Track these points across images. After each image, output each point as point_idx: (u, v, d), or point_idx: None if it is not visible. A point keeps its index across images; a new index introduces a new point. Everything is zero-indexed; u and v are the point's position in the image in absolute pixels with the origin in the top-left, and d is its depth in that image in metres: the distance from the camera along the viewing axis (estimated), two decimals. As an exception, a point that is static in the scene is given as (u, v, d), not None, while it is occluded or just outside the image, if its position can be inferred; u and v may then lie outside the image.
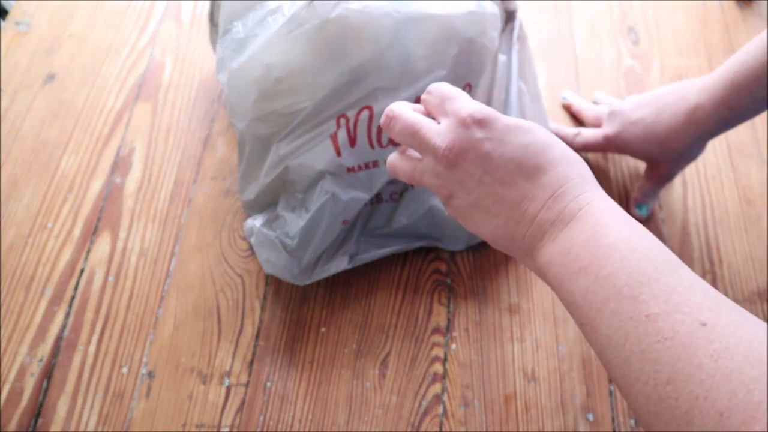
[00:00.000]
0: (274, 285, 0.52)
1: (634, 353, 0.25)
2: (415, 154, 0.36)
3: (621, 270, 0.27)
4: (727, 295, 0.51)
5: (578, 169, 0.31)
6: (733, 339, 0.23)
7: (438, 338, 0.49)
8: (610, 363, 0.27)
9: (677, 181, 0.57)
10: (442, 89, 0.34)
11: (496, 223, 0.32)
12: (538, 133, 0.32)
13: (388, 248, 0.50)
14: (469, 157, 0.31)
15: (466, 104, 0.32)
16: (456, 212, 0.34)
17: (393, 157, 0.36)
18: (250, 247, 0.53)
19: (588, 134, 0.55)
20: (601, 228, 0.29)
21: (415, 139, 0.33)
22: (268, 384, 0.47)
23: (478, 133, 0.31)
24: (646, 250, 0.27)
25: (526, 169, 0.31)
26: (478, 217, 0.33)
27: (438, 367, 0.48)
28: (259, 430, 0.46)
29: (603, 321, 0.27)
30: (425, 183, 0.34)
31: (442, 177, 0.33)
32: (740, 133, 0.59)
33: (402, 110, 0.34)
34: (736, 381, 0.22)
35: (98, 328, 0.50)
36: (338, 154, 0.44)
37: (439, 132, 0.32)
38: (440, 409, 0.46)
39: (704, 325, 0.24)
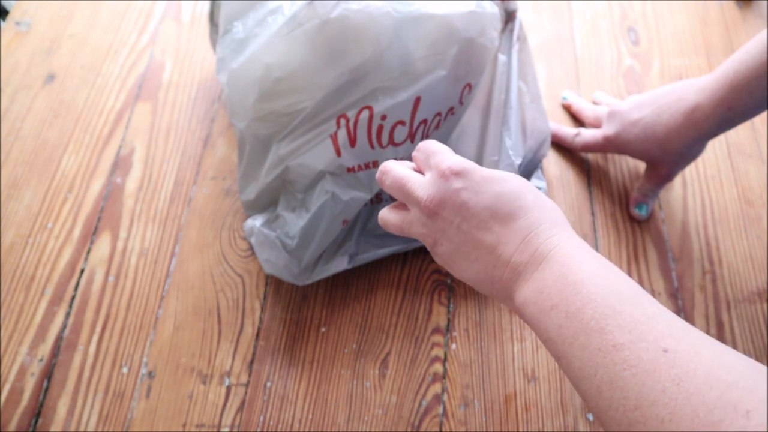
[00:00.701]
0: (274, 285, 0.52)
1: (605, 382, 0.26)
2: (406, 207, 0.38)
3: (588, 305, 0.28)
4: (727, 295, 0.51)
5: (549, 214, 0.33)
6: (692, 363, 0.24)
7: (438, 338, 0.49)
8: (585, 394, 0.28)
9: (677, 181, 0.57)
10: (428, 146, 0.36)
11: (476, 268, 0.34)
12: (513, 182, 0.34)
13: (388, 248, 0.50)
14: (448, 206, 0.33)
15: (447, 158, 0.35)
16: (441, 259, 0.36)
17: (383, 212, 0.39)
18: (250, 247, 0.53)
19: (588, 134, 0.55)
20: (569, 267, 0.30)
21: (403, 191, 0.36)
22: (268, 384, 0.47)
23: (456, 183, 0.33)
24: (611, 283, 0.29)
25: (501, 216, 0.33)
26: (461, 263, 0.35)
27: (438, 367, 0.48)
28: (259, 430, 0.46)
29: (575, 354, 0.28)
30: (413, 232, 0.37)
31: (427, 226, 0.35)
32: (740, 133, 0.59)
33: (393, 166, 0.37)
34: (696, 402, 0.23)
35: (98, 328, 0.50)
36: (338, 154, 0.44)
37: (422, 184, 0.35)
38: (440, 409, 0.46)
39: (666, 351, 0.25)
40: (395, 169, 0.37)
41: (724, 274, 0.52)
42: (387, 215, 0.39)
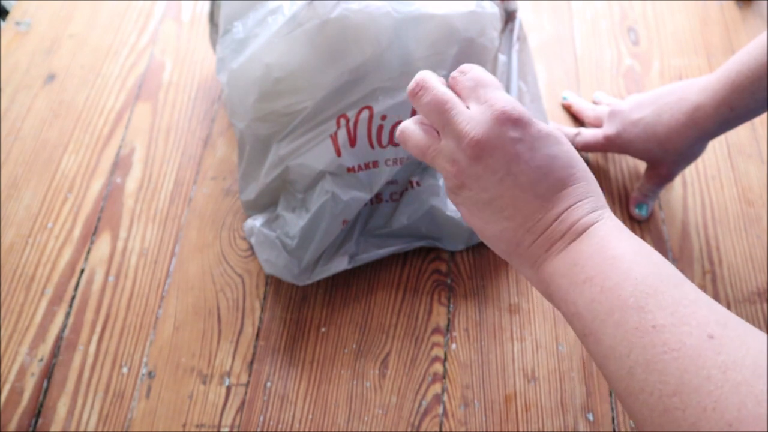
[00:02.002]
0: (274, 285, 0.52)
1: (639, 363, 0.25)
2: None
3: (627, 281, 0.27)
4: (727, 295, 0.51)
5: (595, 188, 0.32)
6: (740, 352, 0.23)
7: (438, 338, 0.49)
8: (612, 374, 0.27)
9: (677, 181, 0.57)
10: (477, 73, 0.32)
11: (505, 226, 0.32)
12: (567, 146, 0.31)
13: (388, 248, 0.50)
14: (496, 154, 0.30)
15: (502, 97, 0.31)
16: (462, 203, 0.33)
17: (408, 125, 0.34)
18: (250, 247, 0.53)
19: (588, 134, 0.55)
20: (608, 242, 0.29)
21: (443, 117, 0.31)
22: (268, 384, 0.47)
23: (512, 132, 0.30)
24: (652, 264, 0.28)
25: (550, 180, 0.31)
26: (487, 215, 0.32)
27: (438, 367, 0.48)
28: (259, 430, 0.46)
29: (607, 331, 0.27)
30: (437, 164, 0.33)
31: (459, 165, 0.31)
32: (740, 133, 0.59)
33: (435, 82, 0.32)
34: (744, 393, 0.22)
35: (98, 328, 0.50)
36: (338, 154, 0.44)
37: (470, 118, 0.31)
38: (440, 409, 0.46)
39: (711, 337, 0.24)
40: (438, 87, 0.32)
41: (724, 274, 0.52)
42: (412, 130, 0.33)
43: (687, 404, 0.23)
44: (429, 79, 0.32)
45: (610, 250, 0.29)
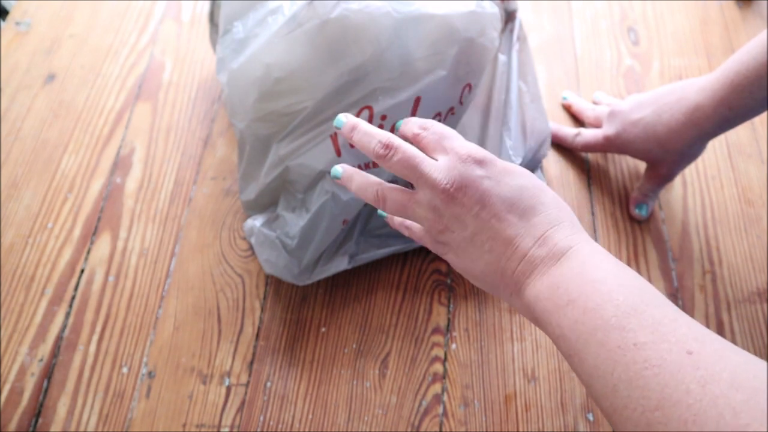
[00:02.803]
0: (274, 285, 0.52)
1: (622, 381, 0.26)
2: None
3: (609, 302, 0.28)
4: (727, 295, 0.51)
5: (567, 214, 0.33)
6: (718, 366, 0.24)
7: (438, 338, 0.49)
8: (597, 393, 0.27)
9: (677, 181, 0.57)
10: (439, 128, 0.35)
11: (488, 259, 0.33)
12: (532, 178, 0.34)
13: (388, 248, 0.50)
14: (469, 192, 0.33)
15: (464, 144, 0.34)
16: (449, 248, 0.35)
17: (385, 188, 0.36)
18: (250, 247, 0.53)
19: (588, 134, 0.55)
20: (589, 265, 0.30)
21: (415, 171, 0.34)
22: (268, 384, 0.47)
23: (478, 171, 0.33)
24: (633, 286, 0.29)
25: (521, 209, 0.33)
26: (471, 252, 0.34)
27: (438, 367, 0.48)
28: (259, 430, 0.46)
29: (590, 351, 0.28)
30: (417, 215, 0.35)
31: (438, 211, 0.34)
32: (740, 133, 0.59)
33: (401, 142, 0.35)
34: (722, 405, 0.23)
35: (98, 328, 0.50)
36: (338, 154, 0.44)
37: (439, 168, 0.34)
38: (440, 409, 0.46)
39: (690, 353, 0.25)
40: (405, 145, 0.34)
41: (724, 274, 0.52)
42: (390, 192, 0.36)
43: (669, 418, 0.24)
44: (395, 140, 0.35)
45: (591, 273, 0.30)
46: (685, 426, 0.23)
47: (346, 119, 0.36)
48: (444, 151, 0.34)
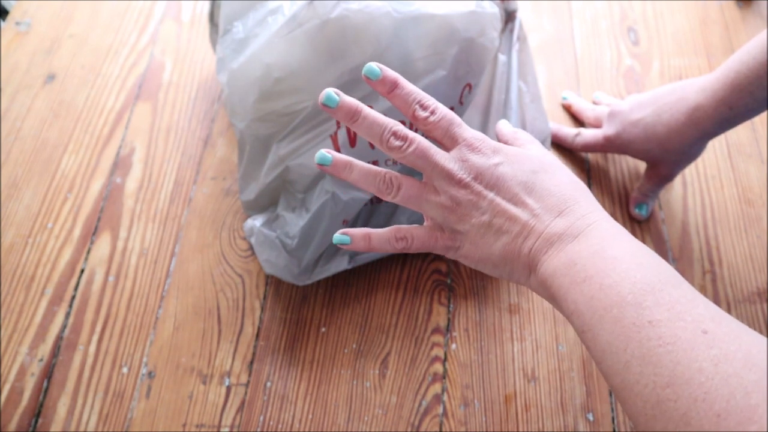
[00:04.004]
0: (274, 285, 0.52)
1: (635, 357, 0.26)
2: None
3: (626, 280, 0.28)
4: (727, 295, 0.51)
5: (584, 193, 0.34)
6: (732, 346, 0.24)
7: (438, 338, 0.49)
8: (609, 369, 0.27)
9: (677, 181, 0.57)
10: (444, 111, 0.35)
11: (506, 240, 0.33)
12: (544, 158, 0.35)
13: (388, 248, 0.50)
14: (485, 179, 0.33)
15: (472, 131, 0.35)
16: (463, 238, 0.35)
17: (398, 175, 0.35)
18: (250, 247, 0.53)
19: (588, 134, 0.55)
20: (607, 243, 0.30)
21: (429, 162, 0.34)
22: (268, 384, 0.47)
23: (494, 158, 0.34)
24: (651, 264, 0.29)
25: (537, 190, 0.33)
26: (488, 237, 0.34)
27: (438, 367, 0.48)
28: (259, 430, 0.46)
29: (605, 327, 0.28)
30: (430, 204, 0.35)
31: (454, 199, 0.34)
32: (740, 133, 0.59)
33: (415, 134, 0.34)
34: (734, 384, 0.23)
35: (98, 328, 0.50)
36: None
37: (452, 157, 0.34)
38: (440, 409, 0.46)
39: (705, 332, 0.25)
40: (420, 137, 0.34)
41: (724, 274, 0.52)
42: (404, 180, 0.35)
43: (679, 395, 0.24)
44: (406, 129, 0.34)
45: (609, 250, 0.30)
46: (695, 403, 0.23)
47: (339, 97, 0.33)
48: (453, 139, 0.34)
